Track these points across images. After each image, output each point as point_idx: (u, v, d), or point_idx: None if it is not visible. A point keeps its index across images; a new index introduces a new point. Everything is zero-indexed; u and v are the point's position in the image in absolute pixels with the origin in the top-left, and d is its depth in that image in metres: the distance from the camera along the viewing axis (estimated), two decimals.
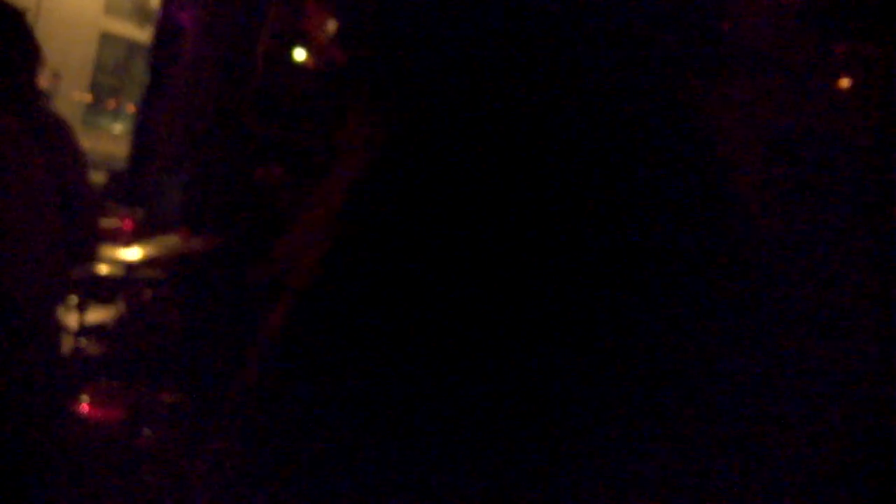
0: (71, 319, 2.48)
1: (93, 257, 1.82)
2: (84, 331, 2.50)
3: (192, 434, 2.75)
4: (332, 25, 3.99)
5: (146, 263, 2.88)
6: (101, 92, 11.01)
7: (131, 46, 10.53)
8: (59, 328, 1.75)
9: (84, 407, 2.46)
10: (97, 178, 7.40)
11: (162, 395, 2.67)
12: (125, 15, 10.25)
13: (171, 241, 2.94)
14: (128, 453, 2.49)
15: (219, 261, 3.24)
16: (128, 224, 2.94)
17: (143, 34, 9.20)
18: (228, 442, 0.68)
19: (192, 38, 4.21)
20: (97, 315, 2.63)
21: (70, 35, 9.77)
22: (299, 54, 4.00)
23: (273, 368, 0.65)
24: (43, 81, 2.41)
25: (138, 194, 4.30)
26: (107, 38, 10.58)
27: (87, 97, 10.80)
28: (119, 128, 10.91)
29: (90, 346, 2.58)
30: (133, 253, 2.67)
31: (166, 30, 4.35)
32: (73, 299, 2.46)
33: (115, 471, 2.43)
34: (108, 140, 10.34)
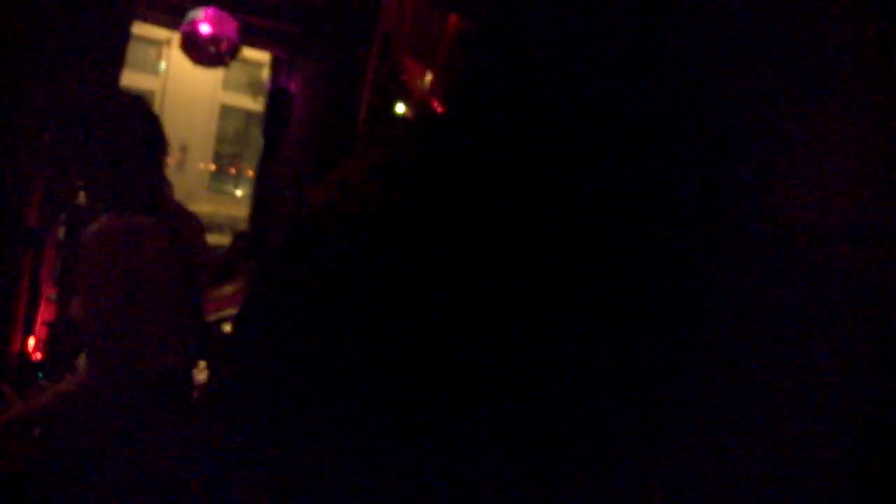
0: (202, 379, 2.62)
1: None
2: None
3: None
4: (428, 78, 4.10)
5: None
6: (223, 160, 11.76)
7: (248, 116, 11.21)
8: (191, 395, 1.87)
9: None
10: (223, 239, 7.86)
11: None
12: (241, 88, 10.94)
13: None
14: None
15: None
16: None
17: (257, 104, 9.78)
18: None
19: (301, 102, 4.44)
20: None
21: (193, 110, 10.52)
22: (400, 108, 4.13)
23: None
24: (171, 157, 2.62)
25: (261, 253, 4.52)
26: (225, 111, 11.32)
27: (211, 166, 11.55)
28: (241, 192, 11.57)
29: None
30: None
31: (277, 98, 4.62)
32: (203, 362, 2.59)
33: None
34: (232, 204, 10.99)
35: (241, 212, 9.05)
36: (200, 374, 2.60)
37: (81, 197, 1.78)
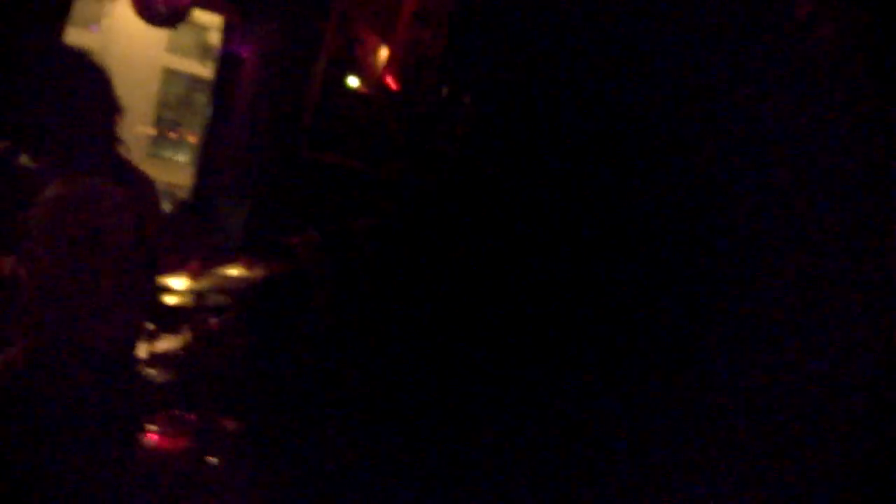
0: (140, 349, 2.54)
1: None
2: (153, 360, 2.55)
3: (256, 461, 2.77)
4: (384, 52, 4.03)
5: (211, 292, 2.94)
6: (164, 125, 11.40)
7: (192, 81, 10.88)
8: (135, 368, 1.80)
9: (152, 436, 2.51)
10: (164, 206, 7.65)
11: (226, 423, 2.70)
12: (186, 52, 10.59)
13: (234, 269, 2.99)
14: (194, 481, 2.52)
15: (280, 288, 3.28)
16: (192, 253, 3.00)
17: (202, 69, 9.50)
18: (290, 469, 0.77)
19: (251, 70, 4.32)
20: (165, 344, 2.68)
21: (134, 72, 10.15)
22: (353, 81, 4.05)
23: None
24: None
25: (203, 223, 4.40)
26: (169, 74, 10.96)
27: (151, 130, 11.19)
28: (182, 157, 11.26)
29: (159, 375, 2.63)
30: (198, 281, 2.72)
31: (227, 63, 4.47)
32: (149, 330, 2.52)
33: (182, 499, 2.46)
34: (173, 169, 10.67)
35: (182, 179, 8.79)
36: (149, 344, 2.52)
37: (23, 158, 1.67)
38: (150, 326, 2.53)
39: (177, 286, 2.71)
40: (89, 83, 1.59)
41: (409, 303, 2.74)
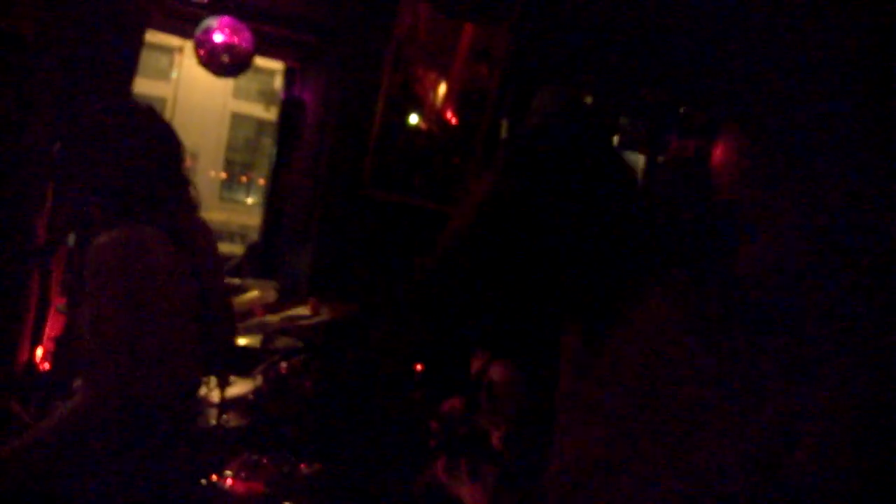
0: (213, 394, 2.57)
1: (230, 347, 1.88)
2: (225, 405, 2.58)
3: None
4: (442, 89, 4.05)
5: (281, 335, 2.97)
6: (234, 168, 11.76)
7: (259, 124, 11.22)
8: (196, 415, 1.81)
9: (227, 481, 2.53)
10: (234, 248, 7.84)
11: (301, 467, 2.70)
12: (252, 97, 10.94)
13: (302, 311, 3.02)
14: None
15: (348, 329, 3.29)
16: (263, 297, 3.04)
17: (267, 113, 9.78)
18: None
19: (313, 112, 4.40)
20: (237, 389, 2.71)
21: (203, 118, 10.53)
22: (413, 119, 4.08)
23: None
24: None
25: (272, 264, 4.49)
26: (236, 119, 11.34)
27: (222, 174, 11.55)
28: (251, 200, 11.56)
29: (231, 420, 2.66)
30: (268, 325, 2.75)
31: (290, 107, 4.58)
32: (214, 375, 2.55)
33: None
34: (243, 212, 10.99)
35: (252, 220, 9.02)
36: (211, 391, 2.56)
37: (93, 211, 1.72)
38: (223, 372, 2.57)
39: (247, 330, 2.75)
40: (149, 136, 1.63)
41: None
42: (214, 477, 2.50)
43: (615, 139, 5.47)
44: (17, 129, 2.98)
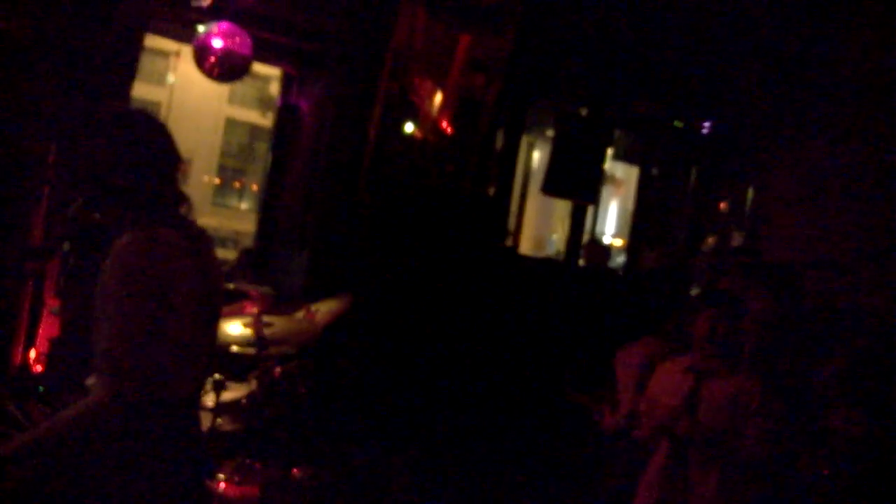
0: (208, 398, 2.57)
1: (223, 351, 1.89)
2: (220, 409, 2.58)
3: None
4: (438, 98, 4.08)
5: (275, 340, 2.97)
6: (228, 174, 11.75)
7: (253, 130, 11.22)
8: (202, 416, 1.83)
9: (220, 485, 2.53)
10: (227, 253, 7.82)
11: (294, 471, 2.70)
12: (247, 102, 10.94)
13: (297, 317, 3.02)
14: None
15: (342, 335, 3.30)
16: (257, 302, 3.04)
17: (263, 119, 9.79)
18: None
19: (309, 119, 4.42)
20: (232, 393, 2.71)
21: (198, 123, 10.52)
22: (409, 127, 4.11)
23: None
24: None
25: (265, 269, 4.49)
26: (231, 124, 11.33)
27: (216, 179, 11.53)
28: (245, 206, 11.55)
29: (226, 424, 2.66)
30: (262, 330, 2.75)
31: (286, 113, 4.60)
32: (209, 379, 2.55)
33: None
34: (236, 217, 10.97)
35: (245, 226, 9.01)
36: (206, 395, 2.56)
37: (93, 213, 1.73)
38: (218, 376, 2.57)
39: (242, 335, 2.75)
40: (149, 139, 1.64)
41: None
42: (208, 481, 2.50)
43: (609, 151, 5.51)
44: (14, 131, 2.99)
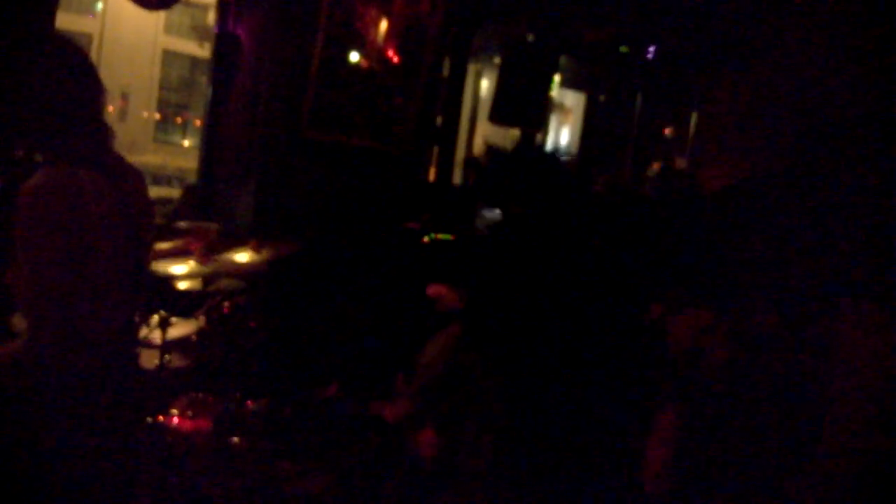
0: (155, 336, 2.56)
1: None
2: (168, 346, 2.57)
3: (280, 439, 2.81)
4: (383, 26, 3.99)
5: (222, 275, 2.95)
6: (168, 108, 11.36)
7: (193, 62, 10.81)
8: (136, 357, 1.82)
9: (174, 419, 2.54)
10: (172, 192, 7.62)
11: (248, 403, 2.73)
12: (184, 33, 10.51)
13: (243, 252, 3.00)
14: (217, 462, 2.56)
15: (291, 268, 3.29)
16: (202, 238, 3.00)
17: (202, 50, 9.43)
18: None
19: (249, 49, 4.28)
20: (179, 330, 2.70)
21: (133, 56, 10.09)
22: (354, 57, 4.02)
23: None
24: (112, 105, 2.46)
25: (211, 207, 4.41)
26: (169, 56, 10.89)
27: (156, 115, 11.15)
28: (188, 142, 11.23)
29: (175, 361, 2.66)
30: (208, 266, 2.73)
31: (224, 44, 4.43)
32: (156, 317, 2.53)
33: (206, 480, 2.49)
34: (179, 154, 10.66)
35: (189, 163, 8.78)
36: (152, 330, 2.54)
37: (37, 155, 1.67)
38: (163, 313, 2.55)
39: (187, 271, 2.73)
40: (71, 71, 1.57)
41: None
42: (160, 417, 2.51)
43: (556, 78, 5.49)
44: None
